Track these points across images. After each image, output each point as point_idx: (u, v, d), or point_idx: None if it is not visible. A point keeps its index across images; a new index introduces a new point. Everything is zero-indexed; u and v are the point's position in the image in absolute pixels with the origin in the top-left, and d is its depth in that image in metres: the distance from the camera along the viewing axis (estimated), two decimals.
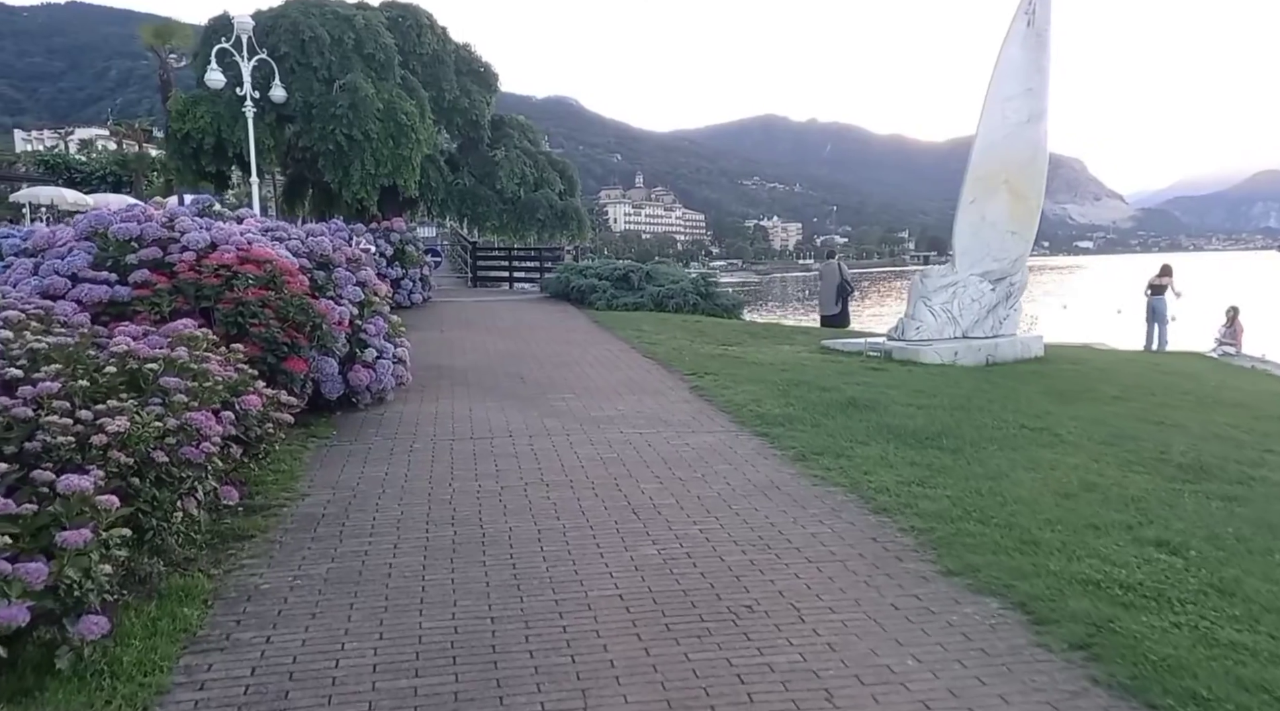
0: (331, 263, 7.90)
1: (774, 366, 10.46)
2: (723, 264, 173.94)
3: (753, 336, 14.23)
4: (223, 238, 6.66)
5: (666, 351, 11.66)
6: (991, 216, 12.60)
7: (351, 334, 7.70)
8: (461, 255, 29.16)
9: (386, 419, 7.51)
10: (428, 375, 9.64)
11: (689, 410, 7.95)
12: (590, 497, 5.25)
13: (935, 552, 4.24)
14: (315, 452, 6.34)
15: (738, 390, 8.78)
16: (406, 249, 17.37)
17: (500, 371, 10.09)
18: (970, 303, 12.75)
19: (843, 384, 9.14)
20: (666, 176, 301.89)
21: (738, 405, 8.02)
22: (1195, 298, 19.22)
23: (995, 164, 12.47)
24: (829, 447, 6.40)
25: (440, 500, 5.19)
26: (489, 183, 23.52)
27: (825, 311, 18.84)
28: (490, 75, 23.88)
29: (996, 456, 6.24)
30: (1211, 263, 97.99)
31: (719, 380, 9.43)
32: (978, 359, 12.10)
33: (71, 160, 42.14)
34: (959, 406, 8.18)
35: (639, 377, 9.73)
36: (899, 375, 10.11)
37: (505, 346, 12.20)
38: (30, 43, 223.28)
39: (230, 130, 18.74)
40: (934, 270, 12.80)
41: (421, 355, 11.14)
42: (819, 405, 7.97)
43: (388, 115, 19.23)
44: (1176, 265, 19.03)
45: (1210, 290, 19.98)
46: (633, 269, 19.35)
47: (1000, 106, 12.45)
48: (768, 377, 9.54)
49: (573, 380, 9.53)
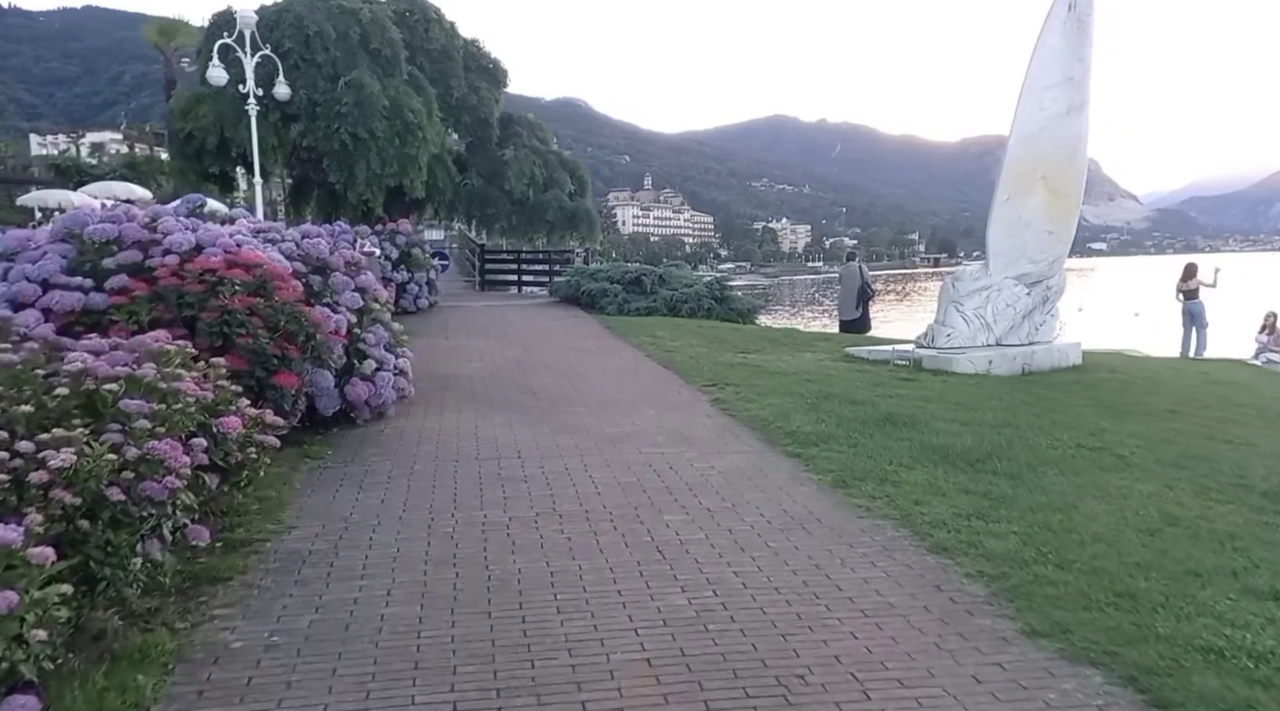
0: (329, 267, 7.36)
1: (798, 376, 9.88)
2: (731, 266, 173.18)
3: (771, 343, 13.66)
4: (209, 240, 6.13)
5: (683, 360, 11.09)
6: (1028, 215, 12.00)
7: (349, 344, 7.16)
8: (469, 258, 28.67)
9: (386, 436, 6.96)
10: (432, 386, 9.10)
11: (712, 426, 7.38)
12: (609, 531, 4.69)
13: (1013, 606, 3.66)
14: (307, 476, 5.78)
15: (763, 403, 8.21)
16: (413, 252, 16.84)
17: (509, 382, 9.54)
18: (1005, 308, 12.15)
19: (875, 397, 8.57)
20: (675, 178, 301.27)
21: (764, 421, 7.45)
22: (1221, 300, 18.51)
23: (1032, 159, 11.88)
24: (871, 472, 5.82)
25: (441, 534, 4.63)
26: (498, 183, 23.01)
27: (845, 316, 18.29)
28: (499, 72, 23.37)
29: (1059, 482, 5.65)
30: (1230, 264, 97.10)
31: (741, 392, 8.86)
32: (1013, 368, 11.51)
33: (82, 163, 41.95)
34: (1005, 423, 7.59)
35: (656, 390, 9.16)
36: (933, 387, 9.52)
37: (514, 355, 11.65)
38: (46, 48, 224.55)
39: (233, 129, 18.26)
40: (966, 273, 12.20)
41: (426, 364, 10.60)
42: (853, 421, 7.39)
43: (394, 113, 18.72)
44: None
45: (1233, 292, 19.26)
46: (645, 272, 18.79)
47: (1038, 97, 11.82)
48: (793, 389, 8.96)
49: (585, 392, 8.97)
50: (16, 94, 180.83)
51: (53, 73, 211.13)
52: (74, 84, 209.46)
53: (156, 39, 27.15)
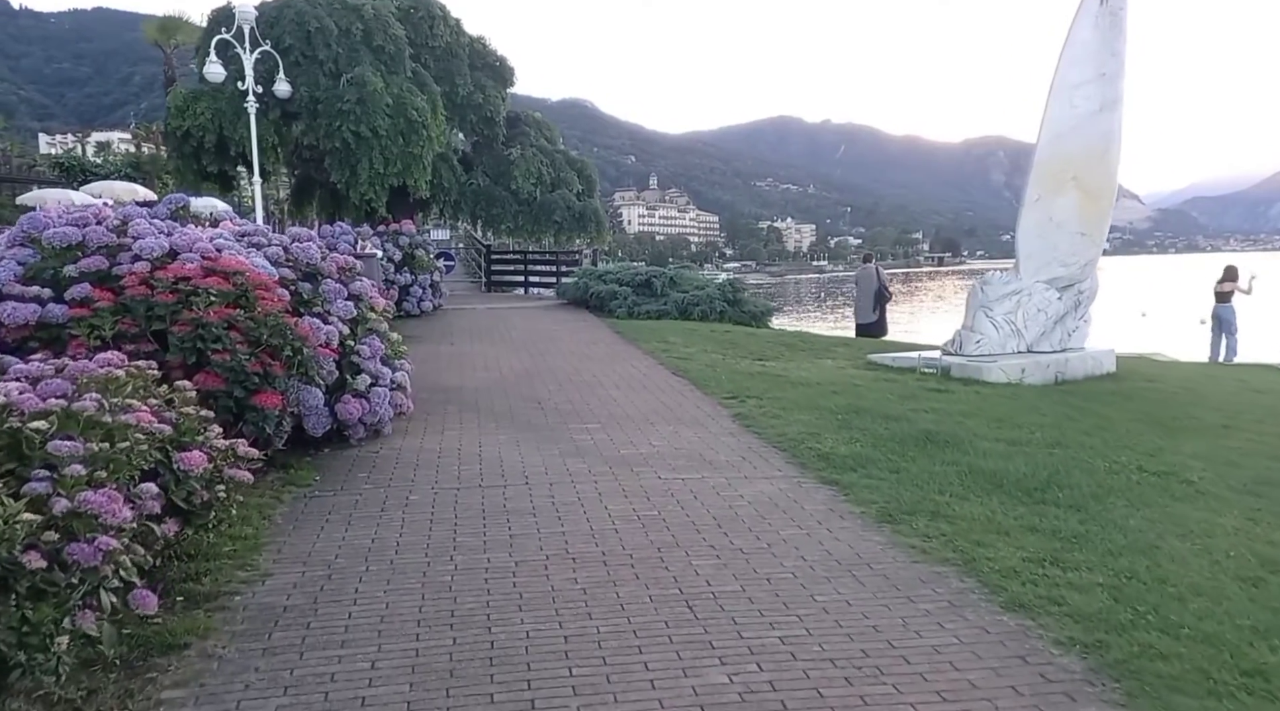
0: (320, 273, 6.77)
1: (822, 387, 9.28)
2: (737, 265, 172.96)
3: (789, 349, 13.05)
4: (185, 245, 5.54)
5: (699, 369, 10.49)
6: (1059, 216, 11.43)
7: (342, 357, 6.57)
8: (475, 259, 28.09)
9: (382, 458, 6.37)
10: (434, 399, 8.52)
11: (735, 446, 6.78)
12: (629, 580, 4.09)
13: (1122, 689, 3.05)
14: (290, 507, 5.19)
15: (789, 419, 7.60)
16: (416, 253, 16.28)
17: (515, 394, 8.95)
18: (1036, 313, 11.57)
19: (909, 411, 7.95)
20: (680, 178, 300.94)
21: (793, 440, 6.84)
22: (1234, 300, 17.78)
23: (1063, 158, 11.30)
24: (919, 503, 5.21)
25: (438, 584, 4.03)
26: (504, 183, 22.42)
27: (861, 319, 17.67)
28: (506, 70, 22.77)
29: (1131, 516, 5.03)
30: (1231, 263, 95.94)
31: (764, 406, 8.25)
32: (1046, 376, 10.92)
33: (87, 162, 41.54)
34: (1055, 442, 6.98)
35: (672, 402, 8.56)
36: (968, 399, 8.91)
37: (520, 363, 11.05)
38: (57, 49, 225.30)
39: (232, 127, 17.69)
40: (995, 277, 11.59)
41: (428, 373, 10.03)
42: (890, 441, 6.78)
43: (397, 111, 18.13)
44: (1196, 266, 17.62)
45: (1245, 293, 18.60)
46: (655, 274, 18.18)
47: (1068, 94, 11.25)
48: (819, 402, 8.35)
49: (596, 405, 8.37)
50: (28, 94, 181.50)
51: (64, 73, 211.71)
52: (85, 84, 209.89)
53: (156, 36, 26.61)
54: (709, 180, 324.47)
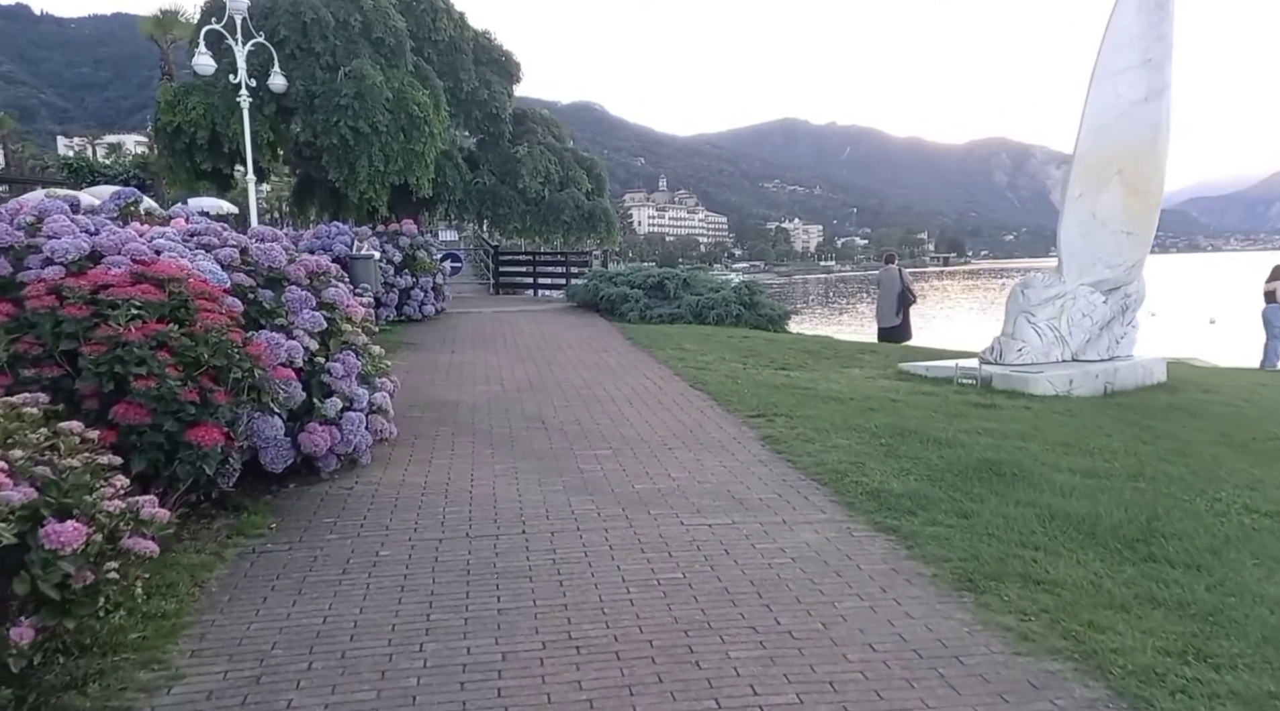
0: (285, 279, 5.85)
1: (856, 402, 8.32)
2: (745, 266, 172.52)
3: (812, 356, 12.09)
4: (112, 246, 4.62)
5: (718, 380, 9.54)
6: (1103, 214, 10.52)
7: (311, 376, 5.64)
8: (484, 260, 27.19)
9: (355, 496, 5.43)
10: (425, 418, 7.60)
11: (768, 479, 5.82)
12: (649, 685, 3.12)
13: None
14: (232, 567, 4.25)
15: (825, 443, 6.64)
16: (417, 255, 15.37)
17: (516, 411, 8.01)
18: (1080, 318, 10.65)
19: (959, 433, 6.99)
20: (689, 179, 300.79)
21: (834, 471, 5.88)
22: (1238, 300, 16.74)
23: (1106, 151, 10.39)
24: (1003, 561, 4.25)
25: (399, 692, 3.07)
26: (511, 181, 21.48)
27: (884, 323, 16.71)
28: (512, 65, 21.83)
29: (1268, 580, 4.06)
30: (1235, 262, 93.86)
31: (795, 426, 7.30)
32: (1095, 387, 9.99)
33: (95, 164, 41.25)
34: (1135, 473, 6.01)
35: (691, 421, 7.60)
36: (1019, 416, 7.94)
37: (524, 374, 10.12)
38: (78, 53, 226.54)
39: (225, 123, 16.80)
40: (1037, 279, 10.63)
41: (423, 386, 9.13)
42: (946, 472, 5.82)
43: (398, 106, 17.21)
44: (1195, 266, 16.60)
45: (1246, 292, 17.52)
46: (668, 276, 17.24)
47: (1111, 82, 10.35)
48: (857, 421, 7.39)
49: (607, 426, 7.42)
50: (49, 99, 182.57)
51: (84, 78, 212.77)
52: (105, 88, 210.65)
53: (152, 31, 25.80)
54: (717, 181, 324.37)
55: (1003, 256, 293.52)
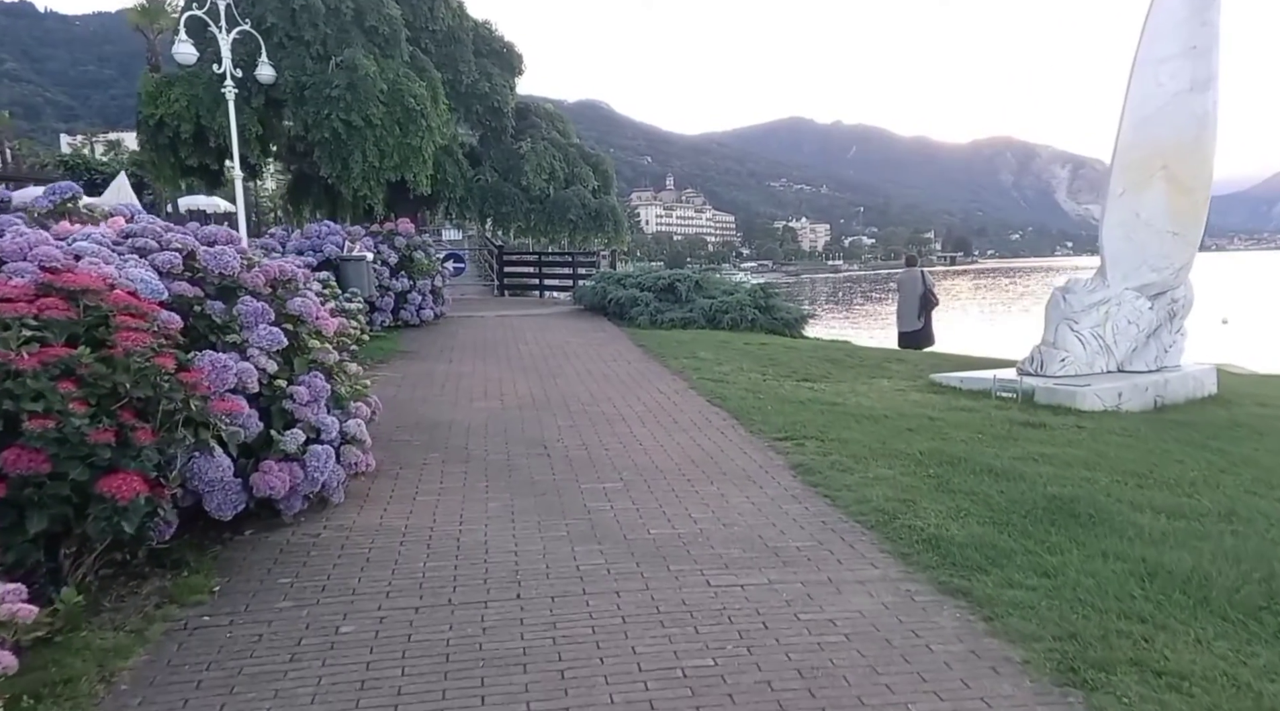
0: (241, 287, 5.03)
1: (891, 422, 7.50)
2: (753, 265, 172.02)
3: (835, 366, 11.26)
4: (15, 251, 3.81)
5: (738, 395, 8.72)
6: (1147, 213, 9.78)
7: (270, 403, 4.83)
8: (488, 260, 26.39)
9: (321, 546, 4.62)
10: (413, 442, 6.80)
11: (804, 521, 4.99)
12: None
13: None
14: (155, 652, 3.43)
15: (865, 473, 5.82)
16: (415, 256, 14.53)
17: (516, 433, 7.19)
18: (1126, 325, 9.87)
19: (1013, 460, 6.17)
20: (696, 178, 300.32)
21: (880, 510, 5.06)
22: (1251, 301, 15.89)
23: (1149, 145, 9.67)
24: (1105, 640, 3.42)
25: None
26: (514, 178, 20.65)
27: (905, 327, 15.86)
28: (514, 56, 20.99)
29: None
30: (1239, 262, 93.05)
31: (827, 451, 6.48)
32: (1144, 401, 9.20)
33: (93, 162, 40.77)
34: (1227, 511, 5.20)
35: (711, 445, 6.78)
36: (1074, 437, 7.13)
37: (526, 387, 9.30)
38: (83, 51, 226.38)
39: (210, 116, 15.99)
40: (1079, 284, 9.81)
41: (414, 403, 8.32)
42: (1009, 511, 5.01)
43: (393, 98, 16.38)
44: (1200, 266, 15.77)
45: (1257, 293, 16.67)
46: (679, 278, 16.40)
47: (1153, 71, 9.62)
48: (895, 445, 6.58)
49: (617, 451, 6.60)
50: (54, 97, 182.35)
51: (89, 75, 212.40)
52: (110, 86, 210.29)
53: (138, 21, 25.01)
54: (724, 180, 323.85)
55: (1009, 256, 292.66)
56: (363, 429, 5.37)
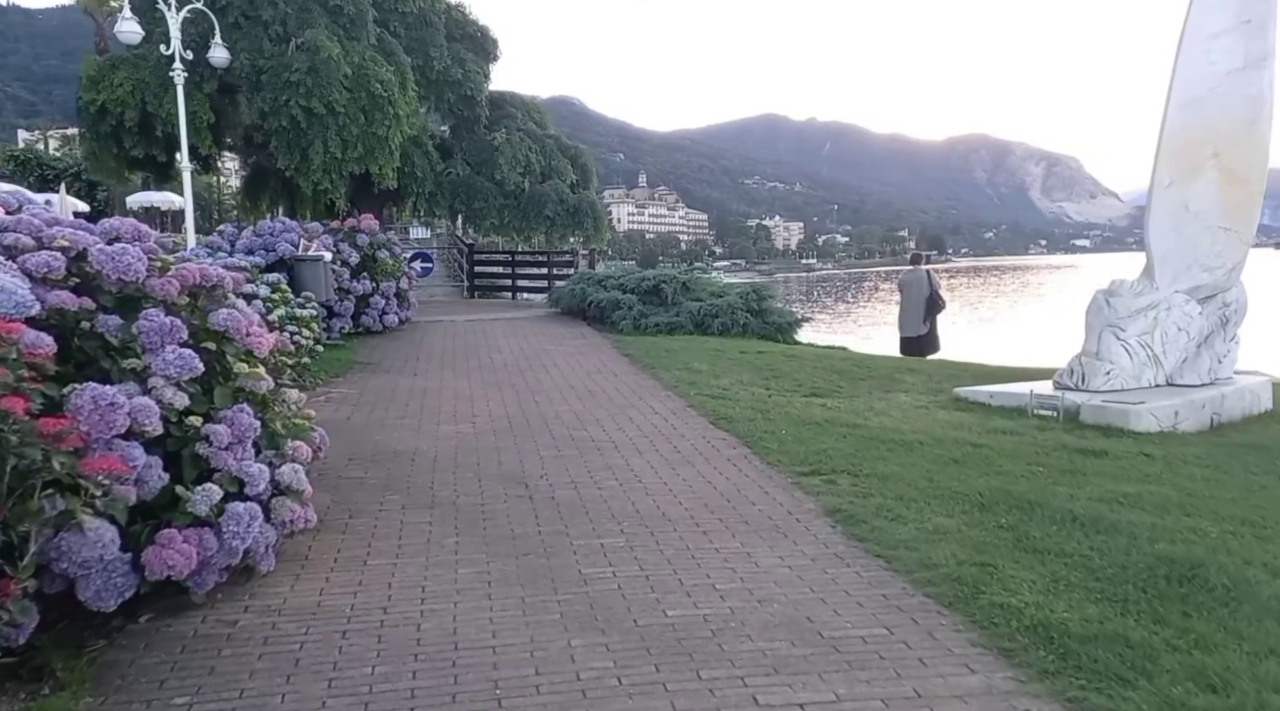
0: (146, 298, 3.90)
1: (930, 449, 6.51)
2: (726, 263, 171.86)
3: (844, 378, 10.27)
4: None
5: (745, 415, 7.69)
6: (1196, 206, 8.93)
7: (180, 445, 3.71)
8: (458, 259, 25.16)
9: (236, 643, 3.49)
10: (368, 480, 5.67)
11: (860, 593, 3.96)
12: None
13: None
14: None
15: (922, 525, 4.79)
16: (378, 256, 13.38)
17: (491, 467, 6.09)
18: (1176, 333, 8.98)
19: (1093, 501, 5.19)
20: (669, 175, 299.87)
21: (954, 579, 4.02)
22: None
23: (1199, 130, 8.81)
24: None
25: None
26: (487, 172, 19.46)
27: (908, 331, 14.90)
28: (488, 41, 19.80)
29: None
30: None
31: (866, 490, 5.46)
32: (1201, 420, 8.34)
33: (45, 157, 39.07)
34: None
35: (725, 483, 5.72)
36: (1148, 469, 6.17)
37: (501, 405, 8.20)
38: (45, 45, 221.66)
39: (157, 102, 14.69)
40: (1124, 286, 8.86)
41: (370, 426, 7.19)
42: (1120, 579, 4.00)
43: (358, 84, 15.15)
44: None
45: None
46: (665, 280, 15.34)
47: (1203, 47, 8.78)
48: (945, 482, 5.57)
49: (613, 491, 5.53)
50: (15, 92, 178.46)
51: (51, 70, 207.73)
52: (73, 82, 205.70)
53: (86, 3, 23.55)
54: (697, 178, 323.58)
55: (983, 254, 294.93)
56: (301, 476, 4.24)
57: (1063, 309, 43.47)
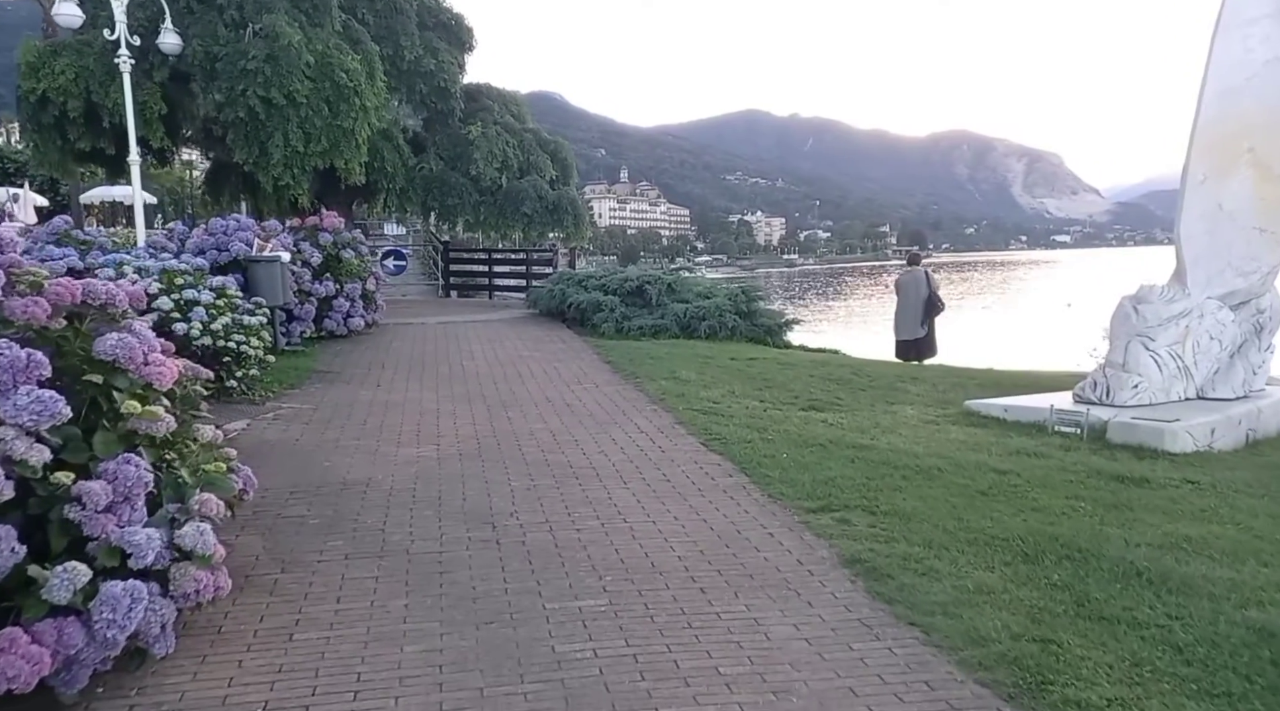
0: (4, 323, 3.08)
1: (949, 477, 5.81)
2: (708, 259, 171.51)
3: (842, 387, 9.56)
4: None
5: (740, 434, 6.95)
6: (1231, 205, 8.36)
7: (46, 507, 2.91)
8: (433, 257, 24.28)
9: None
10: (309, 519, 4.87)
11: (900, 680, 3.22)
12: None
13: None
14: None
15: (959, 581, 4.07)
16: (343, 255, 12.52)
17: (453, 502, 5.29)
18: (1208, 342, 8.37)
19: (1153, 549, 4.49)
20: (650, 171, 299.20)
21: (1014, 663, 3.29)
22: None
23: (1234, 122, 8.26)
24: None
25: None
26: (462, 167, 18.59)
27: (905, 335, 14.23)
28: (463, 30, 18.90)
29: None
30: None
31: (886, 531, 4.73)
32: (1237, 437, 7.75)
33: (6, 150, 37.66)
34: None
35: (722, 521, 4.96)
36: (1197, 501, 5.49)
37: (470, 423, 7.41)
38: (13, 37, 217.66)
39: (103, 91, 13.73)
40: (1153, 292, 8.18)
41: (320, 449, 6.38)
42: (1214, 661, 3.29)
43: (321, 73, 14.25)
44: (1151, 259, 14.33)
45: None
46: (649, 280, 14.56)
47: (1240, 34, 8.22)
48: (975, 519, 4.87)
49: (593, 533, 4.75)
50: None
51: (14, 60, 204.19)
52: None
53: None
54: (679, 173, 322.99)
55: (964, 249, 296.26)
56: (208, 538, 3.43)
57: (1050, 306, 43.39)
